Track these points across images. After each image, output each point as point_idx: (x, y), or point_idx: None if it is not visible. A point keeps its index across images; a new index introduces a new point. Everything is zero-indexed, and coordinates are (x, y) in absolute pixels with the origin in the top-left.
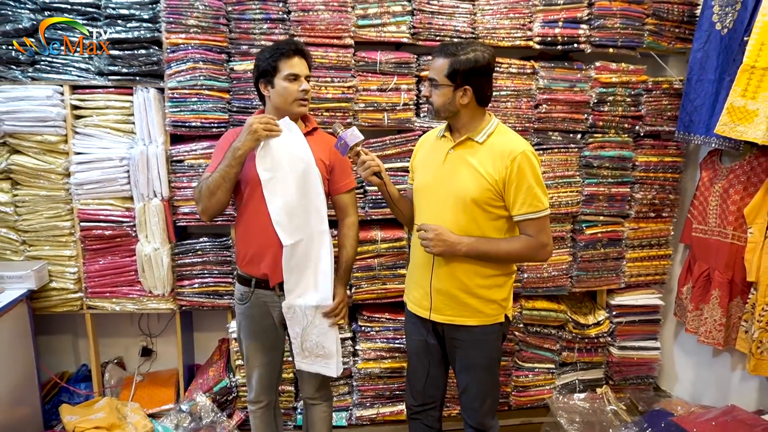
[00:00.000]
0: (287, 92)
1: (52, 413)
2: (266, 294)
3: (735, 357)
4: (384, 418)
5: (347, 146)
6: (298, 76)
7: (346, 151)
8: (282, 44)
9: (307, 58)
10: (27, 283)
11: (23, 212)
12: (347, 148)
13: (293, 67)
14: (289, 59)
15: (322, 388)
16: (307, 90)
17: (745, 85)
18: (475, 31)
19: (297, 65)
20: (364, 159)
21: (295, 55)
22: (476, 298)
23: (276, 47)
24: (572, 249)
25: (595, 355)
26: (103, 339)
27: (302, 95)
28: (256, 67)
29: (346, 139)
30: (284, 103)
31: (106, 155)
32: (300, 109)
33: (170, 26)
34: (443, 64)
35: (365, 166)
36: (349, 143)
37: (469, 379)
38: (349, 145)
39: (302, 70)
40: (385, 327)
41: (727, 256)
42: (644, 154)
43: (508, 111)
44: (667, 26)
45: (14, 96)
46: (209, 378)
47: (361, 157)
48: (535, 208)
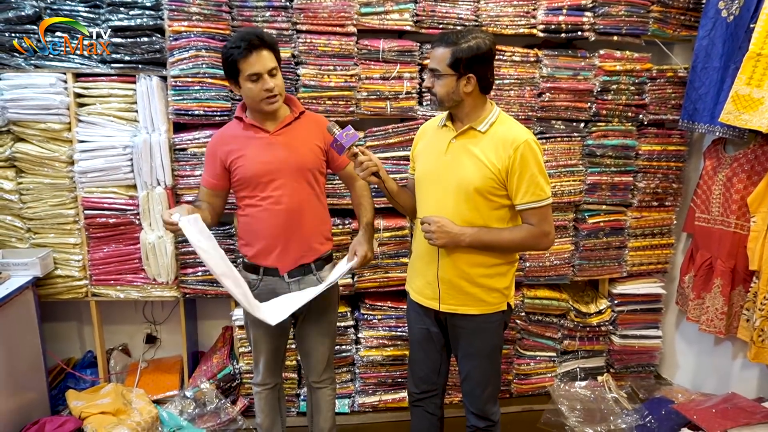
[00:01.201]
0: (252, 93)
1: (58, 398)
2: (275, 280)
3: (736, 345)
4: (386, 405)
5: (343, 148)
6: (260, 74)
7: (343, 152)
8: (235, 42)
9: (268, 46)
10: (32, 271)
11: (28, 200)
12: (343, 149)
13: (252, 66)
14: (247, 58)
15: (328, 371)
16: (271, 88)
17: (751, 72)
18: (479, 18)
19: (256, 63)
20: (362, 160)
21: (252, 52)
22: (479, 287)
23: (232, 46)
24: (574, 238)
25: (597, 344)
26: (108, 326)
27: (266, 94)
28: (222, 67)
29: (341, 141)
30: (252, 102)
31: (109, 143)
32: (269, 108)
33: (173, 14)
34: (444, 53)
35: (363, 167)
36: (345, 145)
37: (471, 366)
38: (345, 146)
39: (263, 66)
40: (387, 315)
41: (730, 245)
42: (648, 143)
43: (511, 99)
44: (672, 13)
45: (18, 84)
46: (213, 365)
47: (359, 158)
48: (537, 197)
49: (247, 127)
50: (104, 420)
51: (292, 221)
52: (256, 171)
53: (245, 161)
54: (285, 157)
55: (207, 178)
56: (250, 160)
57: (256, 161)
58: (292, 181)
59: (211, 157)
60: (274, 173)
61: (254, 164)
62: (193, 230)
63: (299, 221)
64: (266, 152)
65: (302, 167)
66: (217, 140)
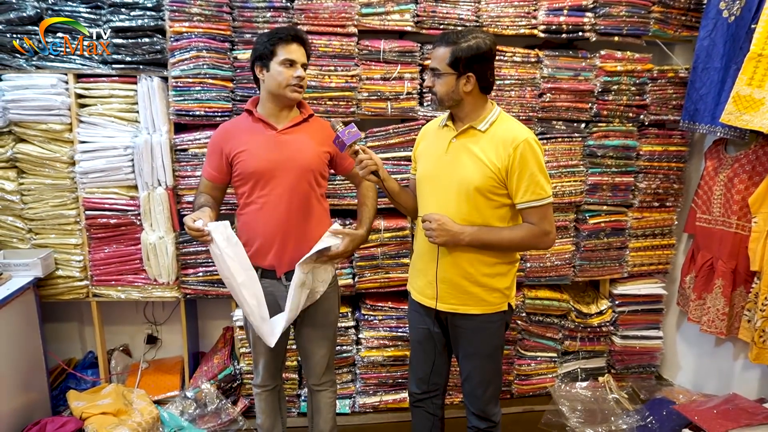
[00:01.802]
0: (282, 77)
1: (59, 399)
2: (272, 283)
3: (737, 346)
4: (387, 406)
5: (344, 145)
6: (295, 62)
7: (344, 149)
8: (282, 30)
9: (306, 46)
10: (34, 271)
11: (29, 200)
12: (344, 146)
13: (290, 53)
14: (288, 45)
15: (328, 374)
16: (302, 77)
17: (752, 73)
18: (480, 19)
19: (294, 51)
20: (362, 158)
21: (294, 42)
22: (480, 287)
23: (276, 32)
24: (575, 238)
25: (598, 344)
26: (109, 326)
27: (296, 81)
28: (254, 50)
29: (343, 138)
30: (278, 87)
31: (110, 144)
32: (293, 95)
33: (174, 14)
34: (445, 52)
35: (362, 165)
36: (347, 142)
37: (472, 366)
38: (347, 144)
39: (299, 57)
40: (387, 315)
41: (731, 246)
42: (648, 144)
43: (512, 100)
44: (673, 14)
45: (19, 84)
46: (214, 365)
47: (359, 156)
48: (537, 195)
49: (256, 121)
50: (105, 420)
51: (290, 221)
52: (257, 167)
53: (248, 156)
54: (288, 156)
55: (209, 170)
56: (253, 155)
57: (259, 157)
58: (292, 181)
59: (214, 147)
60: (276, 171)
61: (257, 160)
62: (221, 237)
63: (297, 221)
64: (270, 149)
65: (304, 168)
66: (221, 132)
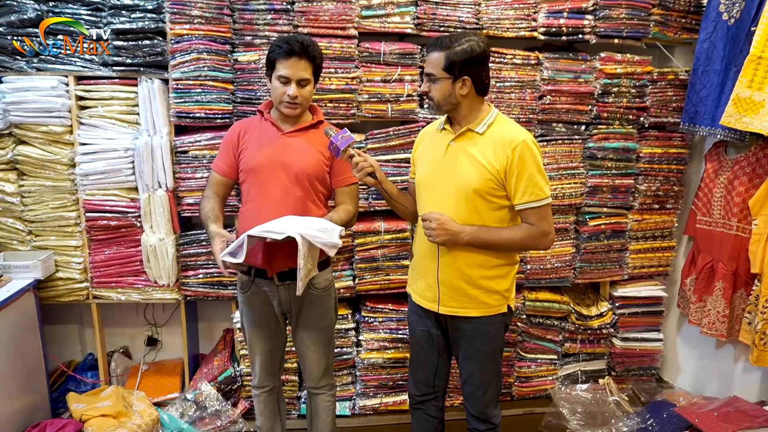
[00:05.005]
0: (276, 93)
1: (59, 401)
2: (265, 283)
3: (738, 349)
4: (387, 408)
5: (338, 150)
6: (289, 79)
7: (339, 154)
8: (284, 41)
9: (309, 58)
10: (34, 273)
11: (29, 202)
12: (339, 151)
13: (286, 69)
14: (286, 59)
15: (326, 377)
16: (293, 96)
17: (752, 75)
18: (480, 21)
19: (291, 67)
20: (357, 161)
21: (292, 57)
22: (478, 289)
23: (278, 43)
24: (576, 240)
25: (598, 347)
26: (108, 328)
27: (288, 99)
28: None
29: (336, 143)
30: (275, 100)
31: (111, 146)
32: (287, 111)
33: (174, 17)
34: (439, 57)
35: (358, 168)
36: (341, 147)
37: (472, 368)
38: (341, 148)
39: (296, 73)
40: (388, 317)
41: (731, 248)
42: (649, 146)
43: (512, 102)
44: (673, 16)
45: (20, 87)
46: (214, 367)
47: (354, 159)
48: (536, 196)
49: (266, 121)
50: (105, 423)
51: None
52: (256, 164)
53: (250, 152)
54: (287, 157)
55: (220, 164)
56: (254, 152)
57: (260, 155)
58: (288, 183)
59: (227, 142)
60: (273, 170)
61: (257, 157)
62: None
63: None
64: (271, 149)
65: (301, 171)
66: (236, 127)
